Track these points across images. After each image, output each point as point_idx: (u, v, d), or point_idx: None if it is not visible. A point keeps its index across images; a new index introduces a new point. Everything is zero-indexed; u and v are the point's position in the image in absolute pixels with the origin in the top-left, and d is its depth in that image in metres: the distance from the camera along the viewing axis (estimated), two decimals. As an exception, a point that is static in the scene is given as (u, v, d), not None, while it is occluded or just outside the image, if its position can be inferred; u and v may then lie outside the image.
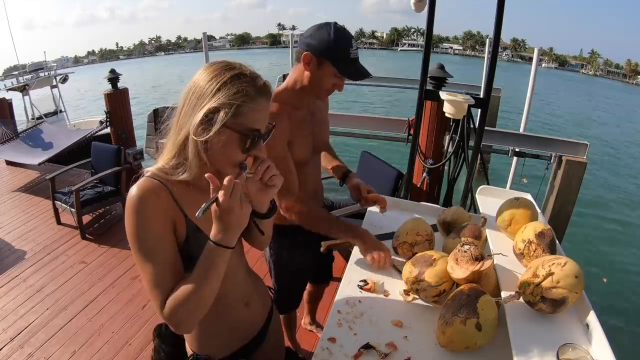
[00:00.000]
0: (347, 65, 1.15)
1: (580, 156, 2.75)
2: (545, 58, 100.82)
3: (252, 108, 0.71)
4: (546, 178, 2.95)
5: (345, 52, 1.14)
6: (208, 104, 0.69)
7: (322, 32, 1.14)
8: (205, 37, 4.63)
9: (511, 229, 1.16)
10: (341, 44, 1.13)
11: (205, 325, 0.88)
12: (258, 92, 0.71)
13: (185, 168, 0.74)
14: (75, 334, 2.25)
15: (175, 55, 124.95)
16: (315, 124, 1.34)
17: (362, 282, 1.12)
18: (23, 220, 3.71)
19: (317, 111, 1.37)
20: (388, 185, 2.49)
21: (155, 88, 26.94)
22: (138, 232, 0.71)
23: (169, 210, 0.74)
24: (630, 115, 25.19)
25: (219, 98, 0.69)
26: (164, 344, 1.02)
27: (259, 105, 0.72)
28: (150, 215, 0.72)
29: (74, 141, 4.53)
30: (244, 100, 0.69)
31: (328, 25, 1.15)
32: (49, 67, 10.46)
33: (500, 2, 1.94)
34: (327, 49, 1.13)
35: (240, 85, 0.70)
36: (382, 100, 18.74)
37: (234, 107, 0.69)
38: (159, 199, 0.73)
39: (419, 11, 2.25)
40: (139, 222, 0.71)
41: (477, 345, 0.87)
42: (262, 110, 0.73)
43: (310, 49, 1.14)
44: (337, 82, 1.19)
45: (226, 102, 0.68)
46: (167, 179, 0.75)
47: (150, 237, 0.72)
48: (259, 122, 0.73)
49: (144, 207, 0.71)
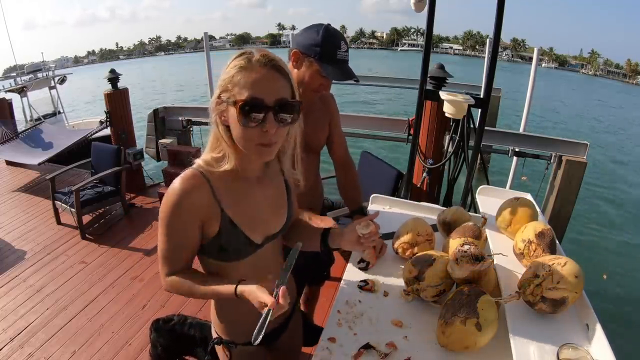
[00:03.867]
0: (332, 65, 1.16)
1: (580, 156, 2.75)
2: (545, 58, 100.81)
3: (246, 76, 0.70)
4: (546, 178, 2.95)
5: (331, 52, 1.15)
6: (216, 89, 0.74)
7: (311, 31, 1.16)
8: (206, 37, 4.62)
9: (511, 229, 1.15)
10: (328, 44, 1.14)
11: (232, 314, 0.95)
12: (254, 62, 0.71)
13: (227, 159, 0.78)
14: (75, 334, 2.25)
15: (175, 55, 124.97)
16: (308, 123, 1.32)
17: (362, 282, 1.12)
18: (23, 220, 3.71)
19: (313, 111, 1.34)
20: (388, 185, 2.49)
21: (155, 88, 26.95)
22: (169, 217, 0.77)
23: (205, 207, 0.78)
24: (631, 114, 25.18)
25: (223, 79, 0.73)
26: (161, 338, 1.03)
27: (254, 73, 0.70)
28: (185, 210, 0.76)
29: (74, 141, 4.54)
30: (238, 71, 0.71)
31: (319, 25, 1.17)
32: (48, 68, 10.42)
33: (500, 2, 1.94)
34: (313, 47, 1.15)
35: (238, 61, 0.72)
36: (381, 100, 18.74)
37: (230, 81, 0.71)
38: (198, 194, 0.77)
39: (419, 11, 2.25)
40: (173, 211, 0.77)
41: (477, 345, 0.87)
42: (259, 79, 0.71)
43: (299, 47, 1.17)
44: (323, 81, 1.20)
45: (226, 78, 0.72)
46: (211, 171, 0.78)
47: (177, 227, 0.78)
48: (257, 90, 0.70)
49: (182, 201, 0.76)
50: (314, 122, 1.37)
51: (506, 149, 3.01)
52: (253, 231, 0.85)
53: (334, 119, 1.45)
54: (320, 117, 1.40)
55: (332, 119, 1.44)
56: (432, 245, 1.23)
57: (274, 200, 0.92)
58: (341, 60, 1.17)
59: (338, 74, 1.17)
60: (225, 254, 0.84)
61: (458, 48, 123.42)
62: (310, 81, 1.19)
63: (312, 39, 1.15)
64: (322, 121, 1.42)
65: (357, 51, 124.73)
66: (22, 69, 10.13)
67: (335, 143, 1.49)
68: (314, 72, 1.17)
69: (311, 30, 1.16)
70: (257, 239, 0.86)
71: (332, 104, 1.44)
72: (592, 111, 24.53)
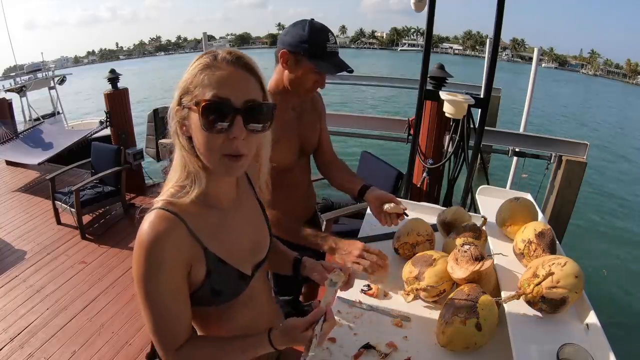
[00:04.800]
0: (324, 59, 1.12)
1: (580, 156, 2.75)
2: (545, 58, 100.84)
3: (210, 75, 0.61)
4: (546, 178, 2.95)
5: (320, 46, 1.11)
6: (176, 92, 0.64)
7: (296, 28, 1.12)
8: (205, 37, 4.64)
9: (511, 229, 1.16)
10: (316, 38, 1.10)
11: None
12: (219, 60, 0.63)
13: (193, 181, 0.66)
14: (75, 334, 2.25)
15: (175, 55, 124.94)
16: (302, 126, 1.30)
17: (366, 287, 1.11)
18: (23, 220, 3.70)
19: (306, 113, 1.32)
20: (388, 185, 2.50)
21: (155, 88, 26.93)
22: (147, 282, 0.63)
23: (186, 251, 0.66)
24: (631, 114, 25.17)
25: (185, 80, 0.63)
26: None
27: (219, 71, 0.61)
28: (163, 265, 0.63)
29: (73, 141, 4.53)
30: (202, 69, 0.62)
31: (303, 21, 1.13)
32: (47, 68, 10.40)
33: (500, 2, 1.94)
34: (301, 44, 1.10)
35: (202, 59, 0.63)
36: (381, 100, 18.75)
37: (192, 82, 0.62)
38: (175, 238, 0.64)
39: (419, 11, 2.25)
40: (150, 272, 0.63)
41: (477, 345, 0.87)
42: (225, 77, 0.61)
43: (286, 46, 1.12)
44: (317, 78, 1.16)
45: (188, 78, 0.63)
46: (181, 207, 0.65)
47: (161, 290, 0.64)
48: (222, 89, 0.61)
49: (157, 254, 0.62)
50: (308, 124, 1.33)
51: (506, 149, 3.01)
52: (242, 263, 0.76)
53: (322, 118, 1.40)
54: (312, 118, 1.35)
55: (320, 118, 1.39)
56: (432, 245, 1.23)
57: (254, 224, 0.82)
58: (331, 52, 1.13)
59: (331, 68, 1.13)
60: (220, 296, 0.72)
61: (458, 48, 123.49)
62: (303, 80, 1.15)
63: (299, 36, 1.10)
64: (314, 122, 1.37)
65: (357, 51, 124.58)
66: (22, 68, 10.13)
67: (325, 142, 1.43)
68: (306, 69, 1.13)
69: (296, 27, 1.12)
70: (247, 271, 0.77)
71: (320, 101, 1.40)
72: (592, 111, 24.53)
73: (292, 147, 1.28)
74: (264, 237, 0.84)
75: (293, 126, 1.26)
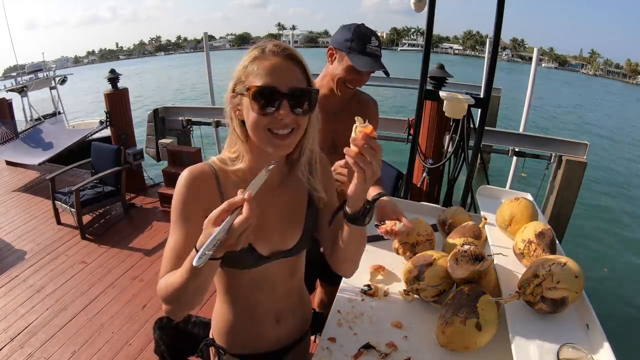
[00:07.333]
0: (360, 56, 1.23)
1: (580, 156, 2.75)
2: (545, 58, 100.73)
3: (259, 65, 0.70)
4: (546, 178, 2.95)
5: (361, 46, 1.23)
6: (231, 82, 0.74)
7: (345, 29, 1.27)
8: (206, 37, 4.64)
9: (511, 229, 1.15)
10: (358, 38, 1.23)
11: (231, 322, 0.90)
12: (267, 52, 0.72)
13: (241, 158, 0.77)
14: (75, 334, 2.25)
15: (175, 55, 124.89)
16: (338, 121, 1.30)
17: (366, 287, 1.12)
18: (23, 220, 3.71)
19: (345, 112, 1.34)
20: (388, 185, 2.49)
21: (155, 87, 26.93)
22: (175, 205, 0.74)
23: (207, 196, 0.75)
24: (631, 114, 25.16)
25: (237, 71, 0.73)
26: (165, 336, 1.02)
27: (267, 62, 0.70)
28: (186, 196, 0.74)
29: (74, 141, 4.54)
30: (252, 61, 0.71)
31: (353, 24, 1.27)
32: (48, 68, 10.43)
33: (500, 2, 1.93)
34: (345, 42, 1.24)
35: (251, 53, 0.73)
36: (382, 99, 18.73)
37: (244, 72, 0.72)
38: (202, 182, 0.75)
39: (419, 11, 2.25)
40: (179, 198, 0.74)
41: (477, 345, 0.87)
42: (272, 66, 0.70)
43: (333, 43, 1.28)
44: (354, 76, 1.26)
45: (240, 69, 0.73)
46: (222, 168, 0.77)
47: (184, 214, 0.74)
48: (270, 77, 0.69)
49: (185, 187, 0.74)
50: (346, 121, 1.34)
51: (506, 148, 3.01)
52: (257, 239, 0.79)
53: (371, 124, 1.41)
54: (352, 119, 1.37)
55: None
56: (432, 245, 1.23)
57: (287, 211, 0.85)
58: (371, 53, 1.24)
59: (365, 65, 1.22)
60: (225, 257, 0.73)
61: (458, 48, 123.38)
62: (342, 74, 1.26)
63: (345, 35, 1.25)
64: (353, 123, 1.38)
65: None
66: (23, 68, 10.14)
67: None
68: (346, 65, 1.24)
69: (345, 29, 1.27)
70: (262, 250, 0.80)
71: (372, 108, 1.43)
72: (592, 111, 24.52)
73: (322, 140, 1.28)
74: (294, 231, 0.85)
75: (329, 120, 1.28)
